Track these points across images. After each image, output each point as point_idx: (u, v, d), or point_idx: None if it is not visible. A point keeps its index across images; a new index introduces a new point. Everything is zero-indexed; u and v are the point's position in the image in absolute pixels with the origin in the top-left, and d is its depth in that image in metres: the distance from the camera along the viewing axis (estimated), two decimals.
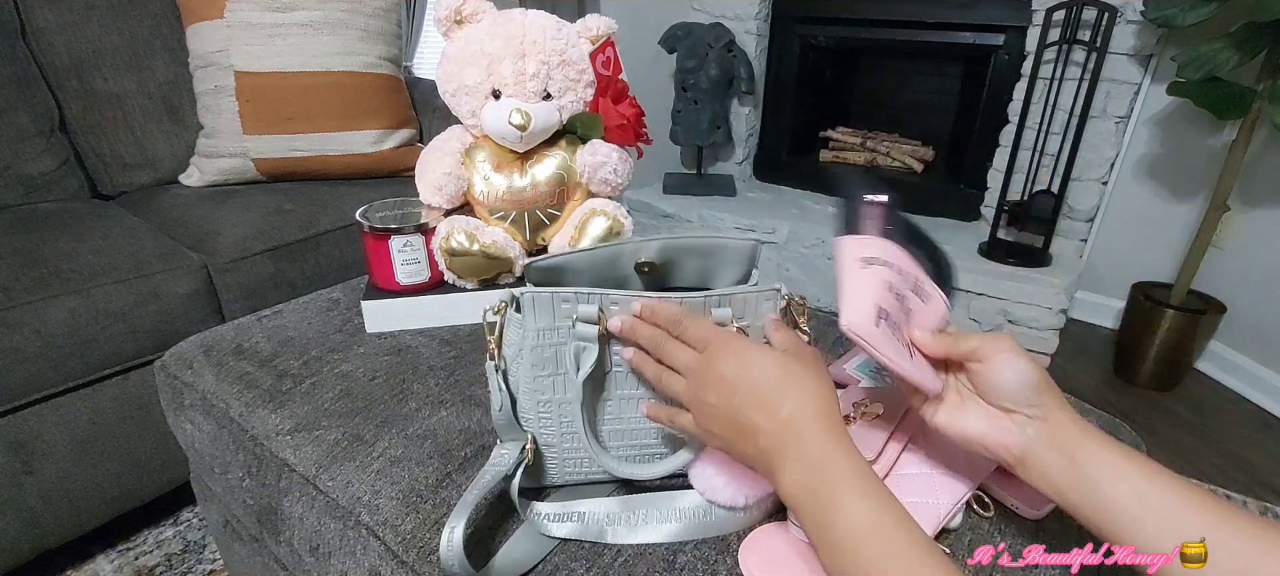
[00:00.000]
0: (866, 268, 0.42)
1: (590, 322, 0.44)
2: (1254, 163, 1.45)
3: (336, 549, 0.50)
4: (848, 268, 0.43)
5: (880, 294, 0.41)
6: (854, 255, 0.43)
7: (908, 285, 0.44)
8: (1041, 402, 0.40)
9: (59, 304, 0.85)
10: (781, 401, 0.38)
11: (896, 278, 0.43)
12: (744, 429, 0.39)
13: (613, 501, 0.48)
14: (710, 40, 1.96)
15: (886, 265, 0.43)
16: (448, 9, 0.67)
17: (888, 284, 0.42)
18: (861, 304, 0.40)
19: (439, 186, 0.71)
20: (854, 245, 0.44)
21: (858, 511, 0.34)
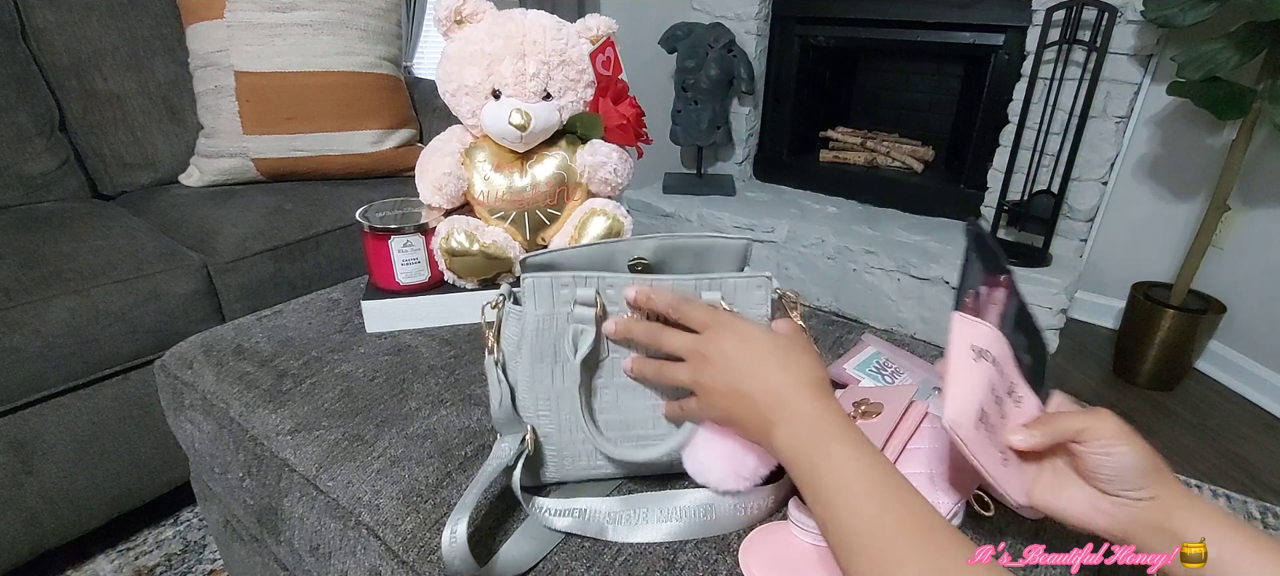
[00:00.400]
0: (977, 361, 0.41)
1: (587, 305, 0.45)
2: (1254, 163, 1.45)
3: (337, 549, 0.50)
4: (960, 354, 0.41)
5: (984, 394, 0.40)
6: (968, 341, 0.42)
7: (1005, 387, 0.43)
8: (1149, 486, 0.39)
9: (59, 304, 0.85)
10: (776, 369, 0.41)
11: (998, 379, 0.42)
12: (743, 397, 0.41)
13: (614, 499, 0.48)
14: (710, 40, 1.97)
15: (993, 363, 0.42)
16: (448, 9, 0.67)
17: (991, 385, 0.41)
18: (967, 403, 0.39)
19: (439, 186, 0.71)
20: (970, 329, 0.42)
21: (846, 458, 0.37)
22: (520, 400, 0.48)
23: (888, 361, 0.65)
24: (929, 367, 0.65)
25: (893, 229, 1.83)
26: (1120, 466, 0.39)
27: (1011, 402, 0.43)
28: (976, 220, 0.49)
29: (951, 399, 0.39)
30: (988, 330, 0.43)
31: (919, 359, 0.67)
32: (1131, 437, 0.39)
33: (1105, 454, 0.39)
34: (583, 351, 0.45)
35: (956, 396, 0.39)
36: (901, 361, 0.65)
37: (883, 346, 0.68)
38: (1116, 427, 0.39)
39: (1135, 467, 0.39)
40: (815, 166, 2.17)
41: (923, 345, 0.72)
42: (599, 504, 0.47)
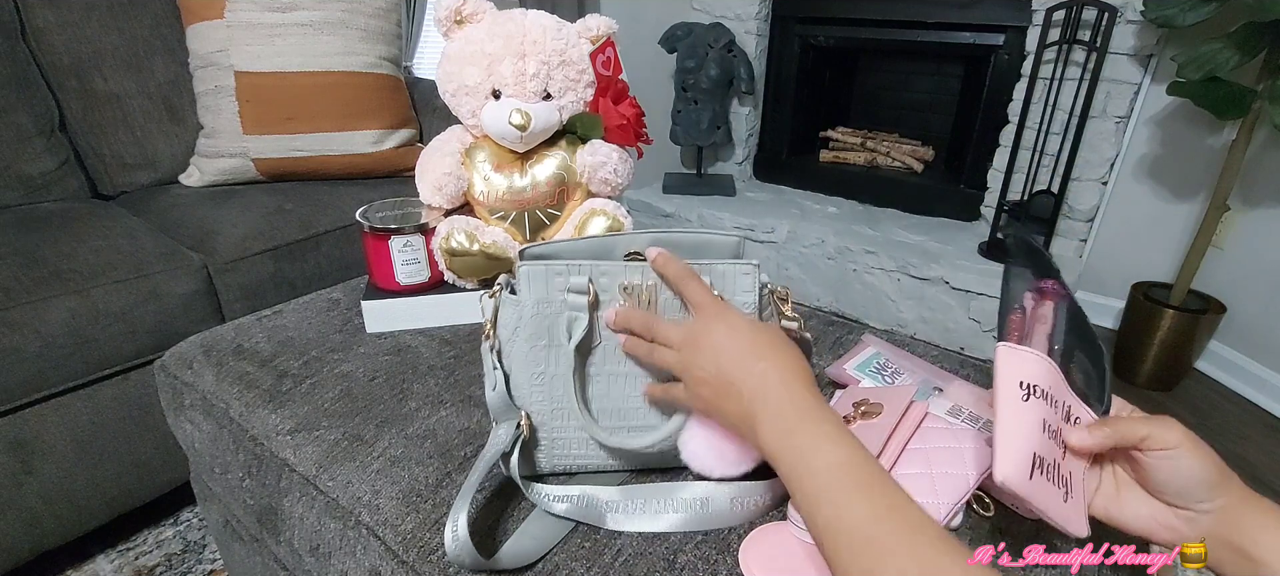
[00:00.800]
0: (1027, 400, 0.39)
1: (580, 293, 0.46)
2: (1254, 163, 1.45)
3: (336, 549, 0.50)
4: (1007, 397, 0.39)
5: (1037, 438, 0.38)
6: (1015, 377, 0.40)
7: (1061, 414, 0.41)
8: (1215, 497, 0.37)
9: (59, 304, 0.85)
10: (760, 361, 0.41)
11: (1051, 411, 0.40)
12: (729, 388, 0.41)
13: (614, 488, 0.49)
14: (710, 40, 1.97)
15: (1043, 397, 0.40)
16: (448, 9, 0.67)
17: (1043, 421, 0.39)
18: (1020, 455, 0.37)
19: (439, 186, 0.71)
20: (1016, 364, 0.41)
21: (831, 453, 0.36)
22: (515, 384, 0.49)
23: (888, 361, 0.65)
24: (929, 367, 0.65)
25: (893, 229, 1.83)
26: (1185, 477, 0.37)
27: (1070, 428, 0.42)
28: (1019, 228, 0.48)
29: (1002, 454, 0.37)
30: (1035, 361, 0.41)
31: (919, 359, 0.67)
32: (1197, 447, 0.38)
33: (1170, 463, 0.37)
34: (576, 337, 0.46)
35: (1006, 450, 0.37)
36: (901, 361, 0.65)
37: (883, 346, 0.68)
38: (1181, 436, 0.38)
39: (1201, 479, 0.37)
40: (815, 166, 2.17)
41: (922, 345, 0.72)
42: (599, 492, 0.48)
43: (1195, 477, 0.37)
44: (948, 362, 0.68)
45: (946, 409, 0.58)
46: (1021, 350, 0.41)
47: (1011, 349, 0.41)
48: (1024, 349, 0.41)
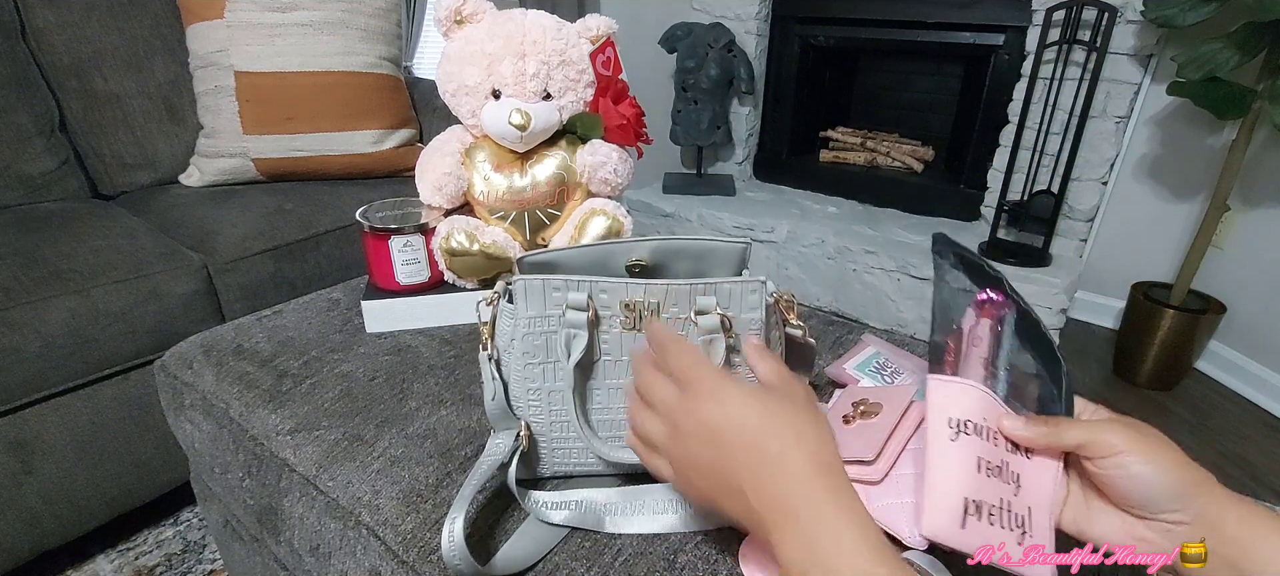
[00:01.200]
0: (956, 439, 0.36)
1: (580, 310, 0.45)
2: (1254, 163, 1.45)
3: (336, 549, 0.50)
4: (934, 437, 0.36)
5: (968, 481, 0.35)
6: (942, 414, 0.36)
7: (1005, 449, 0.37)
8: (1185, 508, 0.34)
9: (59, 304, 0.85)
10: (773, 460, 0.33)
11: (989, 448, 0.36)
12: (730, 487, 0.34)
13: (612, 490, 0.48)
14: (710, 40, 1.97)
15: (978, 432, 0.36)
16: (448, 9, 0.67)
17: (979, 459, 0.36)
18: (946, 503, 0.34)
19: (439, 186, 0.71)
20: (945, 397, 0.37)
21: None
22: (513, 395, 0.48)
23: (888, 361, 0.65)
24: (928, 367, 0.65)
25: (893, 229, 1.83)
26: (1143, 487, 0.34)
27: (1021, 458, 0.38)
28: (943, 235, 0.41)
29: (928, 504, 0.34)
30: (966, 393, 0.37)
31: (919, 359, 0.67)
32: (1153, 453, 0.34)
33: (1121, 472, 0.34)
34: (575, 356, 0.45)
35: (932, 499, 0.34)
36: (901, 361, 0.65)
37: (883, 346, 0.68)
38: (1127, 440, 0.34)
39: (1162, 488, 0.33)
40: (815, 166, 2.17)
41: (922, 345, 0.72)
42: (596, 495, 0.48)
43: (1154, 487, 0.34)
44: None
45: None
46: (950, 382, 0.37)
47: (941, 382, 0.37)
48: (953, 380, 0.38)
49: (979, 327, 0.40)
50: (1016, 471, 0.37)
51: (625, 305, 0.45)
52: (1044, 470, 0.38)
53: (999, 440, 0.37)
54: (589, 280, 0.45)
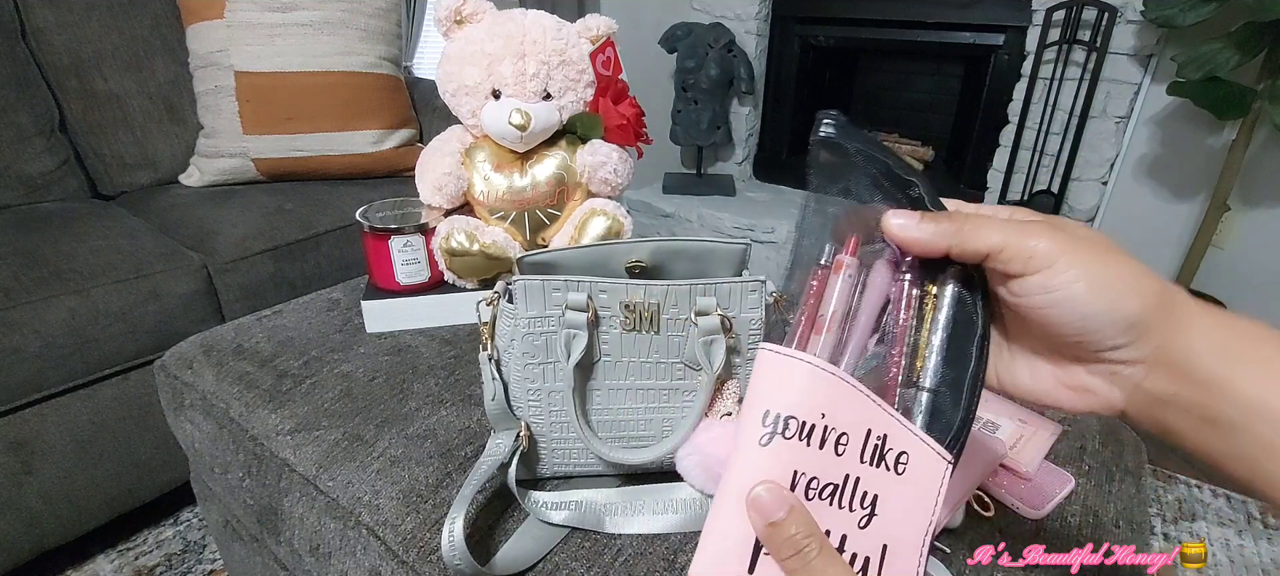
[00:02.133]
0: (768, 444, 0.25)
1: (579, 310, 0.45)
2: (1254, 163, 1.45)
3: (336, 549, 0.50)
4: (744, 436, 0.25)
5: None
6: (761, 405, 0.25)
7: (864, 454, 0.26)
8: (1142, 337, 0.24)
9: (59, 304, 0.85)
10: None
11: (823, 461, 0.25)
12: None
13: (611, 491, 0.48)
14: (710, 40, 1.97)
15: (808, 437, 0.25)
16: (448, 9, 0.67)
17: (796, 476, 0.25)
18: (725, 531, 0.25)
19: (439, 186, 0.71)
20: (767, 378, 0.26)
21: None
22: (513, 396, 0.48)
23: None
24: None
25: None
26: (1073, 312, 0.24)
27: (883, 473, 0.26)
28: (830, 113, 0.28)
29: (705, 533, 0.25)
30: (793, 373, 0.25)
31: None
32: (1089, 261, 0.24)
33: (1046, 297, 0.24)
34: (575, 356, 0.45)
35: (708, 532, 0.25)
36: None
37: None
38: (1058, 245, 0.24)
39: (1102, 311, 0.24)
40: None
41: None
42: (596, 495, 0.48)
43: (1095, 311, 0.24)
44: None
45: None
46: (779, 357, 0.26)
47: (774, 355, 0.26)
48: (784, 354, 0.26)
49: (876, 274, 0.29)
50: (871, 492, 0.26)
51: (625, 305, 0.45)
52: (921, 488, 0.27)
53: (846, 446, 0.26)
54: (589, 280, 0.45)
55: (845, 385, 0.26)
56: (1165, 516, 1.17)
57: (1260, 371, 0.23)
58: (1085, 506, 0.51)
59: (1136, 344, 0.24)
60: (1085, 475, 0.54)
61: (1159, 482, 1.24)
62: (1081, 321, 0.24)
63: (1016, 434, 0.55)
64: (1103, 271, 0.24)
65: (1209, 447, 0.24)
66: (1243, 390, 0.23)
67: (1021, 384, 0.29)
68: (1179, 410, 0.24)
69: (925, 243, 0.26)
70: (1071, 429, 0.59)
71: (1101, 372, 0.26)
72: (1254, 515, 1.17)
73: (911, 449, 0.27)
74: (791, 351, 0.26)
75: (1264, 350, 0.23)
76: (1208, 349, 0.23)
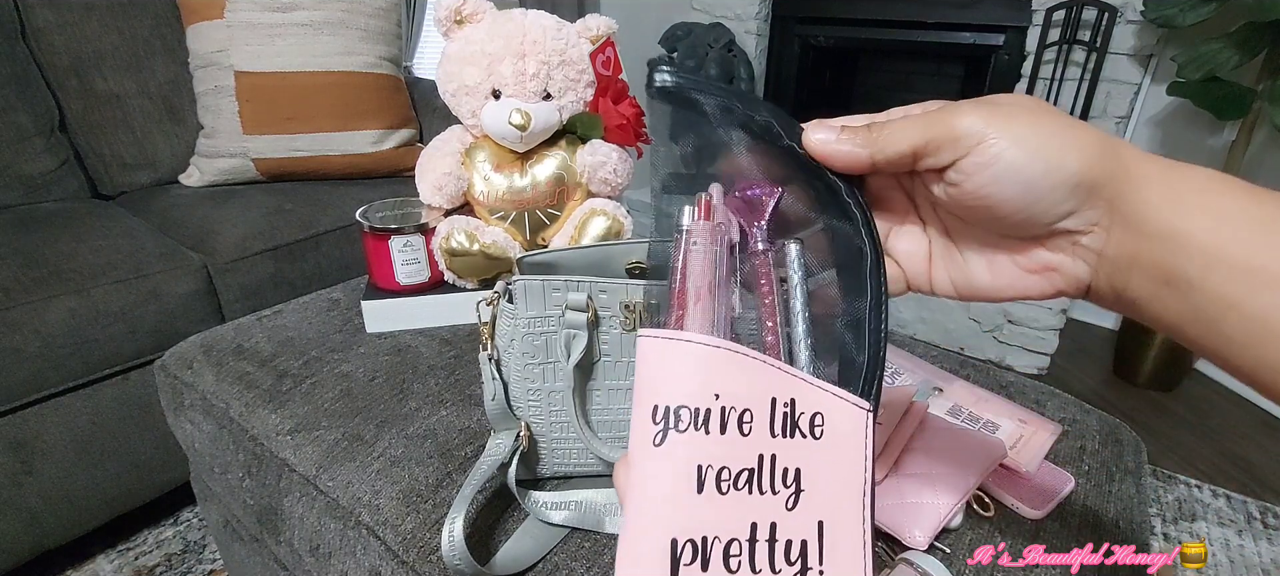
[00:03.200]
0: (660, 445, 0.22)
1: (579, 310, 0.45)
2: (1254, 163, 1.45)
3: (336, 549, 0.50)
4: (636, 440, 0.23)
5: (681, 510, 0.22)
6: (648, 401, 0.23)
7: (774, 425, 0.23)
8: (1091, 197, 0.23)
9: (59, 304, 0.85)
10: None
11: (732, 446, 0.23)
12: None
13: (611, 491, 0.48)
14: (710, 40, 1.97)
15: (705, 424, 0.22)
16: (448, 9, 0.67)
17: (701, 472, 0.22)
18: (638, 547, 0.22)
19: (439, 186, 0.71)
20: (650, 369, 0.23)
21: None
22: (513, 396, 0.48)
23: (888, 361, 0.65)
24: (929, 368, 0.65)
25: None
26: (1013, 185, 0.23)
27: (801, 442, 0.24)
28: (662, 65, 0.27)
29: (619, 550, 0.22)
30: (679, 357, 0.23)
31: (919, 359, 0.67)
32: (1020, 128, 0.23)
33: (983, 175, 0.23)
34: (575, 357, 0.45)
35: (624, 541, 0.22)
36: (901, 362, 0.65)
37: None
38: (983, 119, 0.23)
39: (1043, 175, 0.22)
40: None
41: (923, 345, 0.72)
42: (596, 495, 0.48)
43: (1036, 177, 0.22)
44: (948, 362, 0.68)
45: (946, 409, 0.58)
46: (656, 341, 0.23)
47: (650, 341, 0.23)
48: (661, 337, 0.23)
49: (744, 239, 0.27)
50: (792, 466, 0.23)
51: (625, 306, 0.45)
52: (845, 448, 0.24)
53: (751, 422, 0.23)
54: (589, 281, 0.45)
55: (735, 355, 0.23)
56: (1165, 516, 1.17)
57: (1213, 219, 0.21)
58: (1085, 506, 0.51)
59: (1087, 205, 0.23)
60: (1085, 475, 0.54)
61: (1159, 482, 1.24)
62: (1024, 190, 0.23)
63: (1016, 434, 0.55)
64: (1035, 134, 0.23)
65: (1168, 312, 0.22)
66: (1199, 240, 0.21)
67: (981, 283, 0.27)
68: (1140, 273, 0.23)
69: (847, 156, 0.25)
70: (1071, 429, 0.59)
71: (1062, 247, 0.25)
72: (1254, 515, 1.17)
73: (824, 406, 0.24)
74: (668, 333, 0.23)
75: (1214, 197, 0.22)
76: (1160, 199, 0.22)
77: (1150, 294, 0.23)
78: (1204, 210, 0.21)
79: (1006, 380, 0.67)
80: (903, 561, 0.41)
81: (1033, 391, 0.65)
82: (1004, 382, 0.66)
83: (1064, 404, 0.64)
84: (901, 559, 0.41)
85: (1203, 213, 0.21)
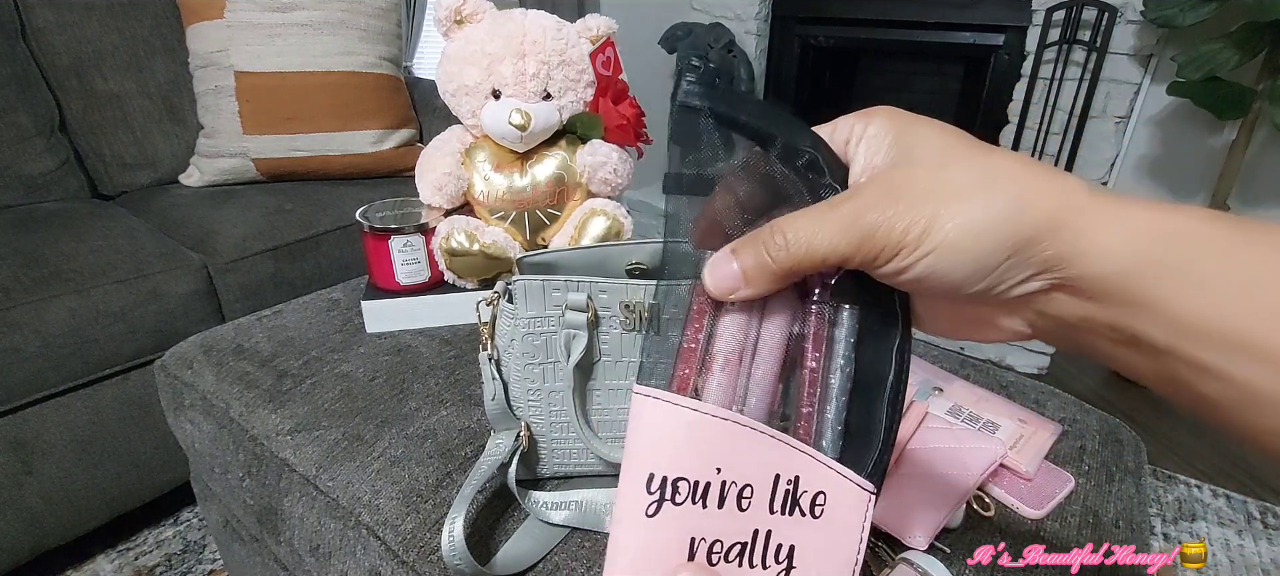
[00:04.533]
0: (658, 512, 0.21)
1: (579, 310, 0.45)
2: (1254, 163, 1.45)
3: (336, 549, 0.50)
4: (625, 503, 0.22)
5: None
6: (643, 468, 0.22)
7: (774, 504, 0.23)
8: (1032, 251, 0.20)
9: (59, 304, 0.85)
10: None
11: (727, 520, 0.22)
12: None
13: (611, 491, 0.48)
14: (710, 40, 1.97)
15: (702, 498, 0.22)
16: (448, 9, 0.67)
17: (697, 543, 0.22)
18: None
19: (439, 186, 0.71)
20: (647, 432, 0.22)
21: None
22: (513, 396, 0.48)
23: None
24: (929, 367, 0.65)
25: None
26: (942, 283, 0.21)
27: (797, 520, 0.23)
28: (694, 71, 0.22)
29: None
30: (680, 425, 0.22)
31: (919, 359, 0.67)
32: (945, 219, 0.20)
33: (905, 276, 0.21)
34: (575, 357, 0.45)
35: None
36: None
37: None
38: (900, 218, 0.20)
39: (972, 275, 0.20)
40: None
41: (922, 345, 0.72)
42: (596, 495, 0.48)
43: (966, 278, 0.20)
44: (948, 362, 0.68)
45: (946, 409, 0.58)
46: (668, 405, 0.22)
47: (651, 402, 0.22)
48: (665, 399, 0.22)
49: None
50: (786, 543, 0.23)
51: (625, 306, 0.45)
52: (842, 528, 0.23)
53: (751, 498, 0.22)
54: (589, 280, 0.45)
55: (743, 429, 0.22)
56: (1165, 516, 1.17)
57: (1192, 288, 0.18)
58: (1085, 506, 0.51)
59: (1030, 280, 0.21)
60: (1085, 475, 0.54)
61: (1159, 482, 1.24)
62: (953, 289, 0.21)
63: (1016, 434, 0.55)
64: (954, 237, 0.20)
65: (1131, 366, 0.21)
66: (1172, 311, 0.18)
67: (928, 328, 0.25)
68: (1092, 334, 0.21)
69: (758, 293, 0.23)
70: (1071, 429, 0.59)
71: (999, 309, 0.22)
72: (1254, 515, 1.17)
73: (828, 486, 0.23)
74: (672, 397, 0.22)
75: (1195, 256, 0.18)
76: (1125, 269, 0.19)
77: (1107, 351, 0.21)
78: (1182, 276, 0.18)
79: (1006, 380, 0.67)
80: (903, 561, 0.41)
81: (1033, 391, 0.65)
82: (1004, 382, 0.66)
83: (1064, 404, 0.64)
84: (901, 559, 0.41)
85: (1180, 278, 0.18)
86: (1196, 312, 0.18)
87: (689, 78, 0.19)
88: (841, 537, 0.24)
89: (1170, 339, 0.19)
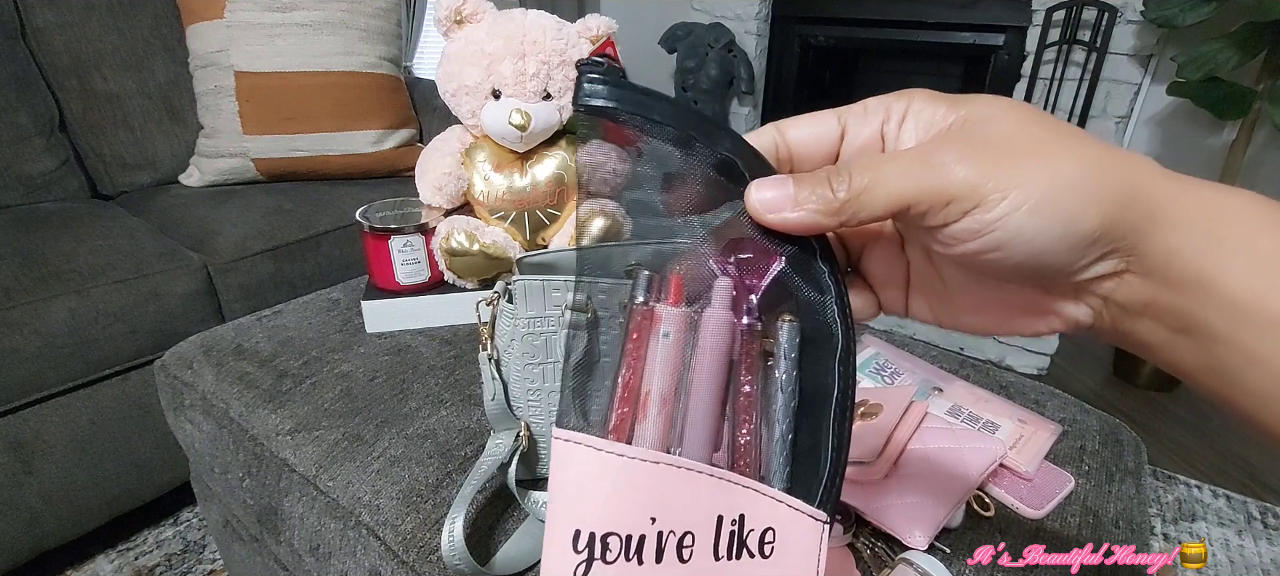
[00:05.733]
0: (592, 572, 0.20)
1: (579, 311, 0.45)
2: (1254, 163, 1.45)
3: (336, 549, 0.50)
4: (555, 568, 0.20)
5: None
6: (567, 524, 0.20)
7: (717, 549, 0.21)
8: (1112, 251, 0.19)
9: (59, 304, 0.85)
10: None
11: None
12: None
13: None
14: (710, 40, 1.97)
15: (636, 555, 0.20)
16: (448, 9, 0.67)
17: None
18: None
19: (439, 186, 0.71)
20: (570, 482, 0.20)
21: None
22: (513, 396, 0.48)
23: (888, 362, 0.65)
24: (929, 368, 0.65)
25: None
26: (1018, 249, 0.19)
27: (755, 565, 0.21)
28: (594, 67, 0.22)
29: None
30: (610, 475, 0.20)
31: (919, 359, 0.67)
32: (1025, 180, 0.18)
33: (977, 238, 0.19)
34: (575, 357, 0.45)
35: None
36: (901, 362, 0.65)
37: (883, 347, 0.68)
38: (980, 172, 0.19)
39: (1052, 243, 0.19)
40: None
41: (922, 345, 0.72)
42: None
43: (1046, 246, 0.19)
44: (947, 363, 0.68)
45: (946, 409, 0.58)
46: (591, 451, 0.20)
47: (572, 448, 0.20)
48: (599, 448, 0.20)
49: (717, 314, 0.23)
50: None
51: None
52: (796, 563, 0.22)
53: (692, 547, 0.20)
54: (589, 281, 0.45)
55: (678, 471, 0.20)
56: (1165, 516, 1.17)
57: (1252, 265, 0.18)
58: (1085, 506, 0.51)
59: (1105, 259, 0.19)
60: (1085, 475, 0.54)
61: (1159, 482, 1.24)
62: (1032, 259, 0.19)
63: (1016, 434, 0.55)
64: (1046, 189, 0.18)
65: (1180, 358, 0.20)
66: (1230, 290, 0.18)
67: (966, 319, 0.24)
68: (1151, 321, 0.20)
69: (806, 222, 0.20)
70: (1071, 429, 0.59)
71: (1064, 292, 0.21)
72: (1254, 515, 1.17)
73: (777, 521, 0.21)
74: (595, 441, 0.20)
75: (1257, 236, 0.18)
76: (1191, 244, 0.18)
77: (1161, 340, 0.20)
78: (1243, 253, 0.18)
79: (1006, 380, 0.67)
80: (903, 561, 0.41)
81: (1032, 391, 0.65)
82: (1004, 383, 0.66)
83: (1064, 404, 0.64)
84: (901, 559, 0.41)
85: (1241, 257, 0.18)
86: (1258, 293, 0.17)
87: (590, 76, 0.20)
88: (797, 572, 0.21)
89: (1228, 324, 0.18)
